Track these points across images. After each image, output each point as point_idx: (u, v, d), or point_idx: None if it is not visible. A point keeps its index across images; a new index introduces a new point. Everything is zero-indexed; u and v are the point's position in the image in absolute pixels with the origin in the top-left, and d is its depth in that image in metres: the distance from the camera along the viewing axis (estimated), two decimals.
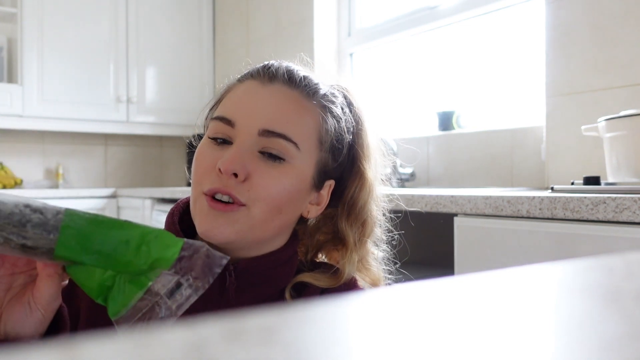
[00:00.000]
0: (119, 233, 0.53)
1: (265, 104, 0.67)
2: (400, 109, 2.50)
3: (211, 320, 0.18)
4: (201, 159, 0.67)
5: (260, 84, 0.69)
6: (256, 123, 0.66)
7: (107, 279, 0.54)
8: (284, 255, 0.70)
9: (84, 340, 0.16)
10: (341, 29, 2.77)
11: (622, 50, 1.48)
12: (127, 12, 3.26)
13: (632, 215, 0.93)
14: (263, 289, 0.70)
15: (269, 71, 0.70)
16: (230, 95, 0.71)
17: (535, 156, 1.79)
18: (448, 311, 0.21)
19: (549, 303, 0.23)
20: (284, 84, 0.69)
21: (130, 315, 0.54)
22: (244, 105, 0.68)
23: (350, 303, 0.22)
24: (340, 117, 0.72)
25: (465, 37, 2.22)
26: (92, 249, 0.52)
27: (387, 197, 0.83)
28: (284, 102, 0.68)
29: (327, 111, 0.71)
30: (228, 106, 0.69)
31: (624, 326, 0.19)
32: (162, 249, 0.53)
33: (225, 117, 0.68)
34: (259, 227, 0.66)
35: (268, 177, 0.65)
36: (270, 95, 0.68)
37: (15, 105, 2.96)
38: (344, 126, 0.73)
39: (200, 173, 0.66)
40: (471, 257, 1.20)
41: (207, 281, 0.54)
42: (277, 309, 0.20)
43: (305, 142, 0.68)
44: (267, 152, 0.66)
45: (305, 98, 0.69)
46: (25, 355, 0.15)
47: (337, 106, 0.73)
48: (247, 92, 0.69)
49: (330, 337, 0.17)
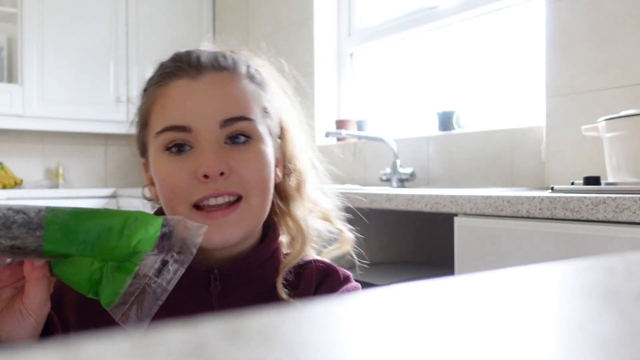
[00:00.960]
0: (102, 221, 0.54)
1: (209, 97, 0.66)
2: (400, 109, 2.50)
3: (211, 320, 0.18)
4: (173, 175, 0.65)
5: (191, 79, 0.67)
6: (213, 117, 0.65)
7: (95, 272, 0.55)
8: (268, 251, 0.70)
9: (84, 340, 0.16)
10: (341, 29, 2.77)
11: (622, 50, 1.48)
12: (127, 12, 3.26)
13: (632, 215, 0.93)
14: (250, 288, 0.69)
15: (192, 63, 0.68)
16: (163, 103, 0.68)
17: (535, 156, 1.79)
18: (448, 311, 0.21)
19: (549, 303, 0.23)
20: (213, 70, 0.68)
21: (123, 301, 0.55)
22: (187, 107, 0.66)
23: (350, 303, 0.22)
24: (262, 81, 0.73)
25: (465, 37, 2.22)
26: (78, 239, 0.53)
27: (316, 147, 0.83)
28: (223, 87, 0.67)
29: (253, 80, 0.71)
30: (170, 113, 0.66)
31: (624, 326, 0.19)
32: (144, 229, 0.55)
33: (177, 125, 0.65)
34: (257, 215, 0.67)
35: (248, 162, 0.66)
36: (207, 87, 0.67)
37: (15, 105, 2.96)
38: (267, 89, 0.74)
39: (181, 188, 0.64)
40: (471, 257, 1.20)
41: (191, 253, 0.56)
42: (277, 309, 0.20)
43: (257, 115, 0.69)
44: (233, 139, 0.66)
45: (235, 75, 0.69)
46: (25, 355, 0.15)
47: (256, 71, 0.73)
48: (181, 93, 0.67)
49: (330, 337, 0.17)
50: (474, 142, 1.99)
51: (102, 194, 3.04)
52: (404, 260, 1.94)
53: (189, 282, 0.66)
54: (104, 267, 0.55)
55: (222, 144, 0.65)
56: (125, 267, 0.55)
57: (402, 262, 1.92)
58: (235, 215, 0.64)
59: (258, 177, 0.66)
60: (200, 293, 0.67)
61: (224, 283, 0.67)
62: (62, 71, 3.09)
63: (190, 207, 0.64)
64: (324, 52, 2.76)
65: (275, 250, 0.72)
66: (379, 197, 1.45)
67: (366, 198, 1.49)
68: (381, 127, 2.54)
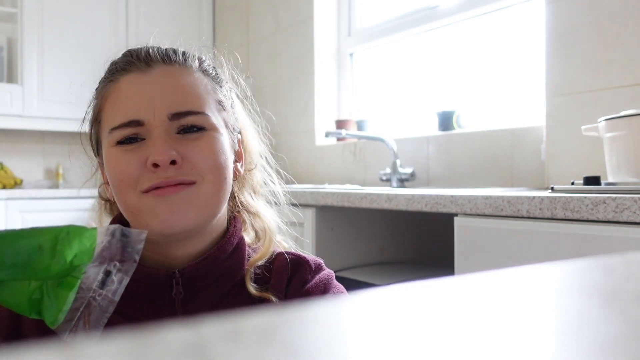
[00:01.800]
0: (29, 241, 0.51)
1: (159, 90, 0.65)
2: (400, 109, 2.50)
3: (211, 320, 0.18)
4: (123, 166, 0.64)
5: (141, 73, 0.66)
6: (161, 111, 0.64)
7: (34, 292, 0.52)
8: (229, 246, 0.69)
9: (84, 340, 0.16)
10: (341, 29, 2.77)
11: (622, 50, 1.48)
12: (127, 12, 3.26)
13: (632, 215, 0.93)
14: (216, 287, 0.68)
15: (142, 57, 0.67)
16: (114, 99, 0.67)
17: (535, 156, 1.79)
18: (448, 311, 0.21)
19: (549, 303, 0.23)
20: (162, 63, 0.67)
21: (70, 318, 0.53)
22: (138, 100, 0.65)
23: (350, 303, 0.22)
24: (216, 75, 0.73)
25: (465, 37, 2.22)
26: (6, 263, 0.50)
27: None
28: (173, 80, 0.66)
29: (207, 74, 0.71)
30: (122, 108, 0.66)
31: (624, 326, 0.19)
32: (78, 242, 0.53)
33: (131, 120, 0.64)
34: (212, 201, 0.65)
35: (201, 149, 0.65)
36: (157, 80, 0.66)
37: (15, 105, 2.96)
38: (223, 85, 0.73)
39: (130, 177, 0.63)
40: (471, 257, 1.20)
41: (134, 260, 0.54)
42: (277, 309, 0.20)
43: (210, 109, 0.67)
44: (185, 130, 0.65)
45: (186, 69, 0.68)
46: (25, 355, 0.15)
47: (209, 66, 0.72)
48: (131, 86, 0.66)
49: (330, 337, 0.17)
50: (474, 142, 1.99)
51: None
52: (404, 260, 1.94)
53: (149, 289, 0.65)
54: (43, 285, 0.52)
55: (172, 134, 0.64)
56: (67, 283, 0.53)
57: (402, 262, 1.92)
58: (185, 195, 0.63)
59: (212, 165, 0.65)
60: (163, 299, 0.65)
61: (187, 286, 0.65)
62: (62, 71, 3.09)
63: (140, 193, 0.63)
64: (324, 52, 2.76)
65: (239, 244, 0.70)
66: (379, 197, 1.45)
67: (366, 198, 1.49)
68: (381, 127, 2.54)
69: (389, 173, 2.18)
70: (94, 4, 3.18)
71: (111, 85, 0.68)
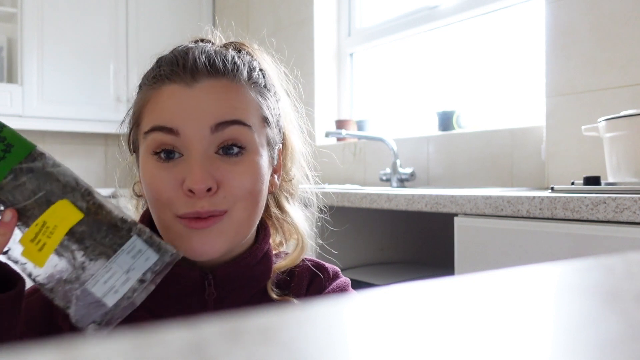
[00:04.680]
0: None
1: (203, 103, 0.63)
2: (400, 109, 2.50)
3: (211, 320, 0.18)
4: (159, 183, 0.62)
5: (185, 86, 0.63)
6: (204, 123, 0.62)
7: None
8: (260, 252, 0.69)
9: (84, 340, 0.16)
10: (341, 29, 2.77)
11: (622, 50, 1.48)
12: (127, 12, 3.26)
13: (632, 215, 0.93)
14: (244, 291, 0.68)
15: (188, 68, 0.64)
16: (154, 105, 0.64)
17: (535, 156, 1.79)
18: (448, 311, 0.21)
19: (549, 303, 0.23)
20: (209, 77, 0.64)
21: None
22: (179, 110, 0.62)
23: (350, 303, 0.22)
24: (266, 86, 0.70)
25: (465, 37, 2.22)
26: None
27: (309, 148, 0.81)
28: (219, 96, 0.64)
29: (255, 85, 0.68)
30: (159, 115, 0.63)
31: (624, 326, 0.19)
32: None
33: (164, 126, 0.62)
34: (244, 227, 0.65)
35: (239, 175, 0.63)
36: (202, 95, 0.63)
37: (15, 105, 2.96)
38: (271, 94, 0.70)
39: (165, 198, 0.62)
40: (471, 257, 1.20)
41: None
42: (277, 309, 0.20)
43: (255, 122, 0.65)
44: (225, 148, 0.63)
45: (234, 84, 0.65)
46: (25, 355, 0.15)
47: (259, 76, 0.69)
48: (174, 97, 0.63)
49: (330, 337, 0.17)
50: (474, 142, 1.99)
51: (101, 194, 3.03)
52: (404, 260, 1.94)
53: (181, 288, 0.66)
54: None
55: (212, 154, 0.63)
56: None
57: (402, 262, 1.92)
58: (217, 227, 0.62)
59: (247, 192, 0.63)
60: (196, 299, 0.66)
61: (218, 288, 0.66)
62: (62, 71, 3.09)
63: (174, 216, 0.62)
64: (324, 52, 2.76)
65: (267, 251, 0.71)
66: (379, 197, 1.45)
67: (366, 198, 1.49)
68: (381, 127, 2.54)
69: (389, 173, 2.18)
70: (93, 4, 3.18)
71: (153, 92, 0.65)
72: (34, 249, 0.53)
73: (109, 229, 0.54)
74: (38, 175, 0.55)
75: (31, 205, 0.54)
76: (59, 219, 0.53)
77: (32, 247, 0.53)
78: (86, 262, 0.53)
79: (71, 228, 0.53)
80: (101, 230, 0.54)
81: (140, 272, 0.53)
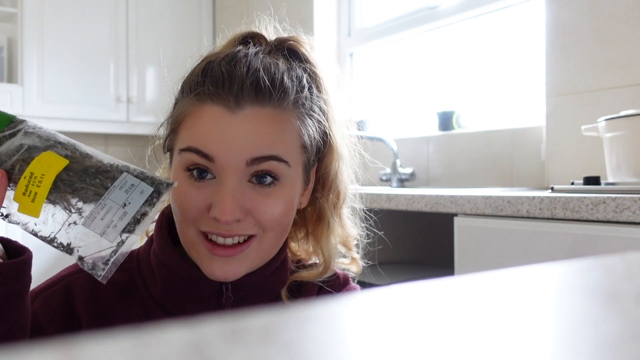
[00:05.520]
0: None
1: (243, 134, 0.60)
2: (400, 109, 2.50)
3: (211, 320, 0.18)
4: (187, 201, 0.61)
5: (227, 111, 0.60)
6: (241, 155, 0.60)
7: None
8: (277, 260, 0.69)
9: (84, 340, 0.16)
10: (341, 29, 2.77)
11: (622, 50, 1.48)
12: (127, 12, 3.26)
13: (632, 215, 0.93)
14: (259, 297, 0.69)
15: (233, 93, 0.60)
16: (194, 122, 0.62)
17: (535, 156, 1.79)
18: (448, 311, 0.21)
19: (549, 303, 0.23)
20: (254, 104, 0.61)
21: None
22: (218, 137, 0.60)
23: (350, 303, 0.22)
24: (313, 108, 0.66)
25: (465, 37, 2.22)
26: None
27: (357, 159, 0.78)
28: (262, 126, 0.61)
29: (302, 110, 0.64)
30: (197, 136, 0.61)
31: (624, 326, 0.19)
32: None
33: (200, 150, 0.60)
34: (269, 252, 0.65)
35: (268, 207, 0.61)
36: (244, 124, 0.60)
37: (15, 105, 2.96)
38: (317, 112, 0.67)
39: (192, 215, 0.61)
40: (471, 257, 1.20)
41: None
42: (277, 309, 0.20)
43: (293, 155, 0.63)
44: (259, 177, 0.61)
45: (279, 110, 0.62)
46: (25, 355, 0.15)
47: (308, 95, 0.65)
48: (214, 122, 0.60)
49: (329, 337, 0.17)
50: (474, 142, 1.99)
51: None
52: (404, 260, 1.94)
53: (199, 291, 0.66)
54: None
55: (244, 182, 0.61)
56: None
57: (402, 262, 1.92)
58: (243, 255, 0.62)
59: (277, 222, 0.62)
60: (213, 304, 0.67)
61: (235, 293, 0.67)
62: (62, 71, 3.09)
63: (198, 232, 0.62)
64: (324, 52, 2.75)
65: (284, 259, 0.71)
66: (379, 197, 1.45)
67: (366, 198, 1.49)
68: (381, 127, 2.54)
69: (389, 173, 2.18)
70: (94, 4, 3.18)
71: (194, 107, 0.62)
72: (27, 201, 0.54)
73: (97, 172, 0.55)
74: (20, 137, 0.56)
75: (17, 162, 0.55)
76: (45, 167, 0.54)
77: (25, 201, 0.54)
78: (80, 205, 0.54)
79: (60, 175, 0.54)
80: (90, 174, 0.54)
81: (137, 205, 0.53)
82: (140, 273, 0.69)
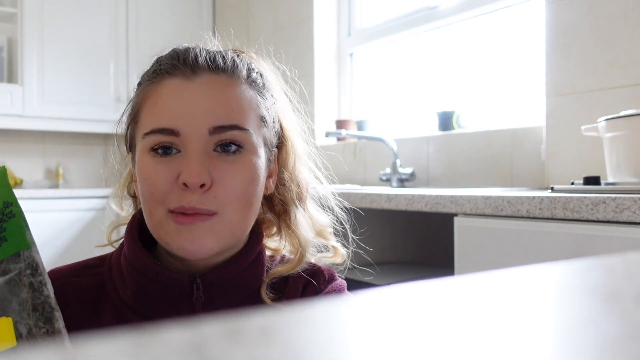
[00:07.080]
0: None
1: (202, 101, 0.63)
2: (400, 109, 2.50)
3: (211, 320, 0.18)
4: (155, 177, 0.62)
5: (185, 80, 0.64)
6: (203, 124, 0.62)
7: None
8: (251, 255, 0.69)
9: (84, 340, 0.16)
10: (341, 29, 2.77)
11: (622, 50, 1.48)
12: (127, 12, 3.26)
13: (632, 215, 0.93)
14: (234, 295, 0.68)
15: (189, 63, 0.64)
16: (154, 102, 0.65)
17: (535, 156, 1.79)
18: (448, 311, 0.21)
19: (549, 303, 0.23)
20: (209, 72, 0.65)
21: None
22: (179, 109, 0.63)
23: (350, 303, 0.22)
24: (263, 86, 0.70)
25: (465, 37, 2.22)
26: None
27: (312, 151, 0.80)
28: (219, 92, 0.64)
29: (254, 85, 0.68)
30: (160, 114, 0.63)
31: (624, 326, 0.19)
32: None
33: (165, 127, 0.62)
34: (237, 229, 0.65)
35: (233, 175, 0.63)
36: (202, 90, 0.63)
37: (15, 105, 2.96)
38: (269, 98, 0.70)
39: (160, 193, 0.62)
40: (471, 257, 1.20)
41: None
42: (277, 309, 0.20)
43: (252, 125, 0.65)
44: (223, 145, 0.63)
45: (233, 80, 0.66)
46: (25, 356, 0.15)
47: (258, 75, 0.70)
48: (173, 93, 0.64)
49: (330, 337, 0.17)
50: (474, 142, 1.99)
51: (101, 194, 3.04)
52: (404, 260, 1.94)
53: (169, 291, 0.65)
54: None
55: (210, 151, 0.63)
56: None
57: (402, 262, 1.92)
58: (206, 226, 0.62)
59: (239, 193, 0.63)
60: (184, 303, 0.66)
61: (207, 292, 0.66)
62: (62, 71, 3.09)
63: (166, 211, 0.62)
64: (324, 52, 2.76)
65: (259, 254, 0.70)
66: (379, 197, 1.45)
67: (366, 198, 1.49)
68: (381, 127, 2.54)
69: (389, 173, 2.18)
70: (94, 4, 3.18)
71: (152, 87, 0.66)
72: None
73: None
74: (8, 279, 0.52)
75: None
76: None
77: None
78: None
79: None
80: None
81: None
82: (110, 277, 0.69)
